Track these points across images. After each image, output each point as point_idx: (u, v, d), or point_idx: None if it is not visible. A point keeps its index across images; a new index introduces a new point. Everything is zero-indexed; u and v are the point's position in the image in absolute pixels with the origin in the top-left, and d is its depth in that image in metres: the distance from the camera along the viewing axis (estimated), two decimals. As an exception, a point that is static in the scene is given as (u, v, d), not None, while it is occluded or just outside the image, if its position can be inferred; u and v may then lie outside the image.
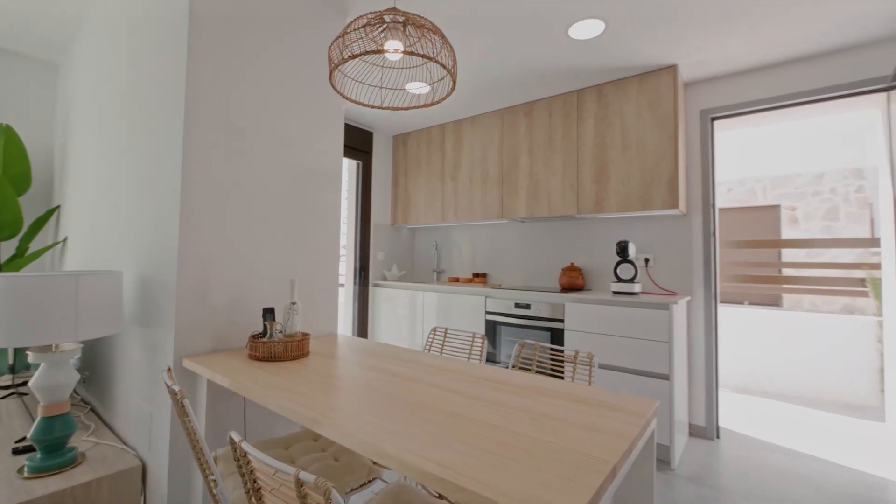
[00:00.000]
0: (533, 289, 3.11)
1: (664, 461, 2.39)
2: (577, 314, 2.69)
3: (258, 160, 1.81)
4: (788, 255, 6.27)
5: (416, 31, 1.38)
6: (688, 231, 2.90)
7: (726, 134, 4.26)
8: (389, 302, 3.77)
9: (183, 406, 1.04)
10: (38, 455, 1.56)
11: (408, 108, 1.54)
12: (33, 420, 1.97)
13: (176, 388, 1.05)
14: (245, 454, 0.73)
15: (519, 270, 3.66)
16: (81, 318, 1.50)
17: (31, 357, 1.57)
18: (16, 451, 1.69)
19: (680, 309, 2.55)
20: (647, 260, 3.01)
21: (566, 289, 3.09)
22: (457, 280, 3.70)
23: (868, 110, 2.72)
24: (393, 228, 4.24)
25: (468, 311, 3.23)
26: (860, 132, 4.39)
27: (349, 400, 1.08)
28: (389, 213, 4.23)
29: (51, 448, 1.57)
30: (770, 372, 3.92)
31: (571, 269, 3.12)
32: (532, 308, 2.88)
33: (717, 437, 2.77)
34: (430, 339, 1.99)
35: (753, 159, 5.86)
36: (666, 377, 2.35)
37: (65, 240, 2.94)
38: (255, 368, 1.39)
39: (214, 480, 1.05)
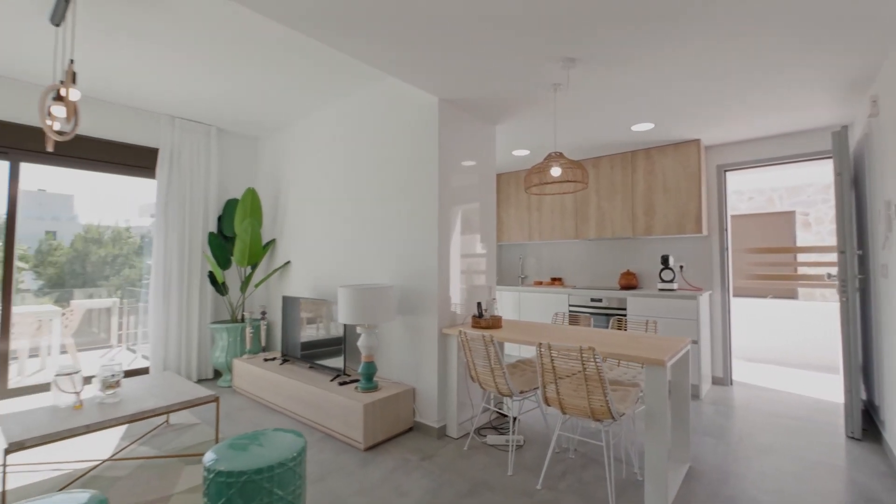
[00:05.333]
0: (599, 288, 4.54)
1: (695, 395, 3.78)
2: (635, 304, 4.10)
3: (468, 208, 3.30)
4: (802, 254, 7.40)
5: (566, 161, 2.83)
6: (708, 246, 4.26)
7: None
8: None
9: (493, 342, 2.52)
10: (360, 383, 3.09)
11: (550, 193, 3.00)
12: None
13: (487, 334, 2.54)
14: (549, 346, 2.19)
15: (585, 275, 5.08)
16: (382, 309, 3.00)
17: (359, 329, 3.11)
18: (342, 383, 3.23)
19: (704, 299, 3.93)
20: (681, 267, 4.38)
21: (624, 287, 4.49)
22: (540, 283, 5.15)
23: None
24: (486, 244, 5.74)
25: (556, 304, 4.68)
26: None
27: (534, 335, 2.54)
28: (483, 232, 5.72)
29: (367, 378, 3.09)
30: (777, 345, 5.21)
31: (628, 274, 4.52)
32: (603, 301, 4.31)
33: (731, 384, 4.14)
34: (554, 317, 3.46)
35: (769, 173, 7.03)
36: (696, 342, 3.74)
37: (287, 263, 4.51)
38: (482, 329, 2.87)
39: (504, 375, 2.52)
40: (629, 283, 4.49)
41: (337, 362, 3.40)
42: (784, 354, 5.18)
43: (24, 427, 2.10)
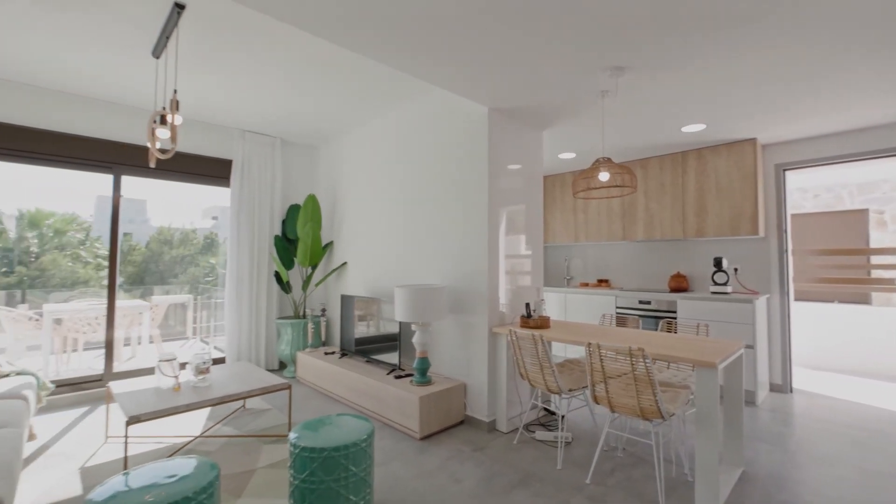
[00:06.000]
0: (647, 290, 4.51)
1: (751, 401, 3.70)
2: (686, 307, 4.05)
3: (515, 211, 3.43)
4: (876, 256, 6.90)
5: (614, 166, 2.90)
6: (766, 249, 4.13)
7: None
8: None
9: (542, 341, 2.65)
10: (415, 377, 3.29)
11: (598, 198, 3.06)
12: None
13: (536, 334, 2.66)
14: (598, 346, 2.29)
15: (633, 277, 5.05)
16: (435, 309, 3.19)
17: (413, 326, 3.32)
18: (398, 377, 3.46)
19: (761, 303, 3.83)
20: (736, 269, 4.28)
21: (674, 290, 4.44)
22: (586, 284, 5.18)
23: (908, 160, 3.79)
24: (532, 245, 5.82)
25: (603, 306, 4.69)
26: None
27: (582, 335, 2.63)
28: (529, 234, 5.81)
29: (422, 373, 3.29)
30: (846, 353, 4.93)
31: (678, 276, 4.47)
32: (652, 303, 4.29)
33: (791, 391, 4.00)
34: (602, 318, 3.51)
35: (837, 170, 6.62)
36: (751, 347, 3.66)
37: (344, 264, 4.82)
38: (531, 329, 2.99)
39: (553, 373, 2.64)
40: (679, 285, 4.43)
41: (391, 357, 3.63)
42: (853, 363, 4.90)
43: (138, 404, 2.47)
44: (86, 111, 3.77)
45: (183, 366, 2.97)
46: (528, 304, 3.21)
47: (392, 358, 3.63)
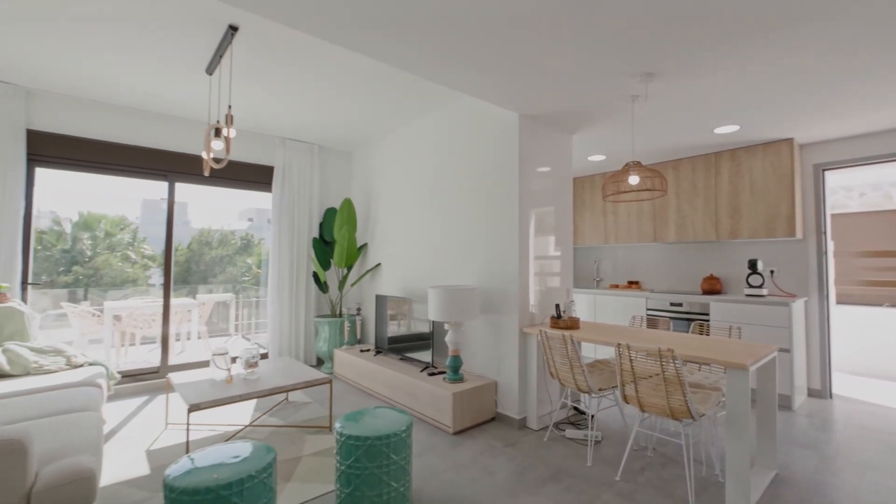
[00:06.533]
0: (679, 292, 4.49)
1: (787, 406, 3.64)
2: (719, 310, 4.02)
3: (545, 213, 3.52)
4: (925, 258, 6.55)
5: (643, 169, 2.94)
6: (805, 251, 4.05)
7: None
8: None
9: (572, 341, 2.73)
10: (447, 374, 3.42)
11: (627, 201, 3.11)
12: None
13: (566, 334, 2.74)
14: (628, 346, 2.35)
15: (664, 279, 5.02)
16: (467, 309, 3.30)
17: (446, 326, 3.45)
18: (431, 374, 3.60)
19: (798, 306, 3.77)
20: (772, 271, 4.21)
21: (707, 292, 4.40)
22: (616, 286, 5.18)
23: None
24: (561, 247, 5.86)
25: (633, 307, 4.70)
26: None
27: (612, 336, 2.68)
28: (558, 235, 5.85)
29: (454, 370, 3.42)
30: (888, 358, 4.75)
31: (711, 278, 4.42)
32: (683, 306, 4.27)
33: (830, 397, 3.91)
34: (632, 320, 3.55)
35: (884, 168, 6.33)
36: (787, 350, 3.61)
37: (378, 265, 5.00)
38: (561, 329, 3.06)
39: (583, 373, 2.72)
40: (713, 287, 4.39)
41: (423, 355, 3.78)
42: (899, 368, 4.71)
43: (196, 393, 2.70)
44: (144, 124, 4.09)
45: (233, 360, 3.20)
46: (557, 305, 3.29)
47: (424, 356, 3.77)
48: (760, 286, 4.00)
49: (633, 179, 2.89)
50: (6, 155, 3.42)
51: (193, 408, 2.52)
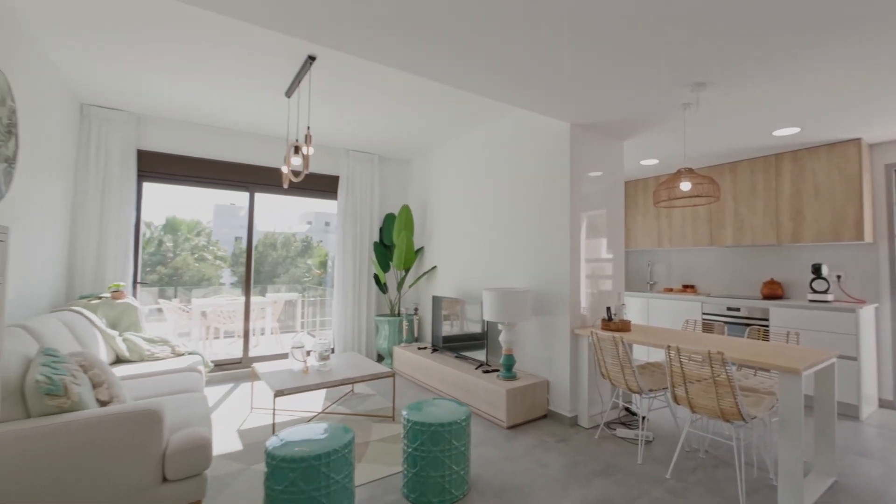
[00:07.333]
0: (736, 297, 4.41)
1: (853, 415, 3.52)
2: (779, 315, 3.93)
3: (596, 217, 3.63)
4: None
5: (695, 176, 2.99)
6: (875, 255, 3.87)
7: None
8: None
9: (623, 343, 2.84)
10: (501, 372, 3.61)
11: (680, 206, 3.16)
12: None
13: (617, 336, 2.86)
14: (678, 349, 2.45)
15: (720, 283, 4.93)
16: (520, 310, 3.47)
17: (500, 326, 3.64)
18: (485, 371, 3.81)
19: (867, 313, 3.62)
20: (838, 276, 4.05)
21: (767, 297, 4.30)
22: (670, 290, 5.14)
23: None
24: (612, 250, 5.87)
25: (687, 311, 4.67)
26: None
27: (662, 339, 2.75)
28: (609, 238, 5.87)
29: (508, 368, 3.61)
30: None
31: (772, 283, 4.31)
32: (742, 310, 4.20)
33: (906, 408, 3.71)
34: (685, 323, 3.58)
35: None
36: (854, 358, 3.49)
37: (434, 267, 5.27)
38: (612, 332, 3.17)
39: (633, 374, 2.83)
40: (773, 292, 4.28)
41: (477, 353, 4.00)
42: None
43: (279, 381, 3.08)
44: (230, 141, 4.62)
45: (308, 353, 3.58)
46: (608, 308, 3.40)
47: (478, 354, 3.99)
48: (825, 291, 3.87)
49: (685, 186, 2.95)
50: (122, 172, 4.01)
51: (278, 393, 2.89)
